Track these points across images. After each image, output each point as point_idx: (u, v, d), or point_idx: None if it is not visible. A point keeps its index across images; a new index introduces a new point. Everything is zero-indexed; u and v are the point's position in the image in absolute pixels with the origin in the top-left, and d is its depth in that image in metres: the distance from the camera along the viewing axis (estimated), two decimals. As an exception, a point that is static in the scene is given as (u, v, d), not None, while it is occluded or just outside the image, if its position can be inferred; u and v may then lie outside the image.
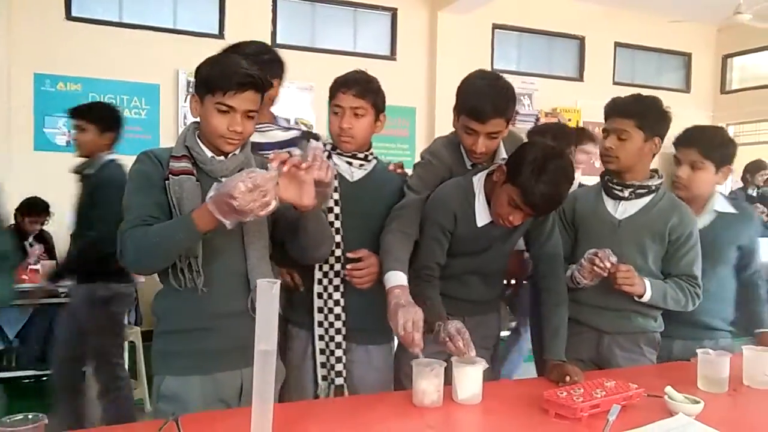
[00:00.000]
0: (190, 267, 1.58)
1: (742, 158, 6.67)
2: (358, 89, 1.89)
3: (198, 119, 1.65)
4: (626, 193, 2.02)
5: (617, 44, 7.49)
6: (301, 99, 5.81)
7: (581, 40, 7.33)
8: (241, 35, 6.79)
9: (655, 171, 2.07)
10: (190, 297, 1.59)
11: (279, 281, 1.30)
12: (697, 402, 1.54)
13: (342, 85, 1.91)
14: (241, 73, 1.58)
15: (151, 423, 1.33)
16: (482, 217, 1.90)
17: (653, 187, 2.03)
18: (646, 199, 2.02)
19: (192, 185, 1.59)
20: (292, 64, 1.91)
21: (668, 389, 1.59)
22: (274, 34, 5.93)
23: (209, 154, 1.63)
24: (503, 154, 2.00)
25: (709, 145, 2.13)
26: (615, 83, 7.43)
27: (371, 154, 2.00)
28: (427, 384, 1.56)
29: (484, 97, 1.84)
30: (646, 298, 1.95)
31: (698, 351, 1.84)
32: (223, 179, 1.56)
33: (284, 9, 6.04)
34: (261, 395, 1.31)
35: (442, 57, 6.35)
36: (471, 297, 2.00)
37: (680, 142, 2.18)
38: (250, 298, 1.62)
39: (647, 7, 7.08)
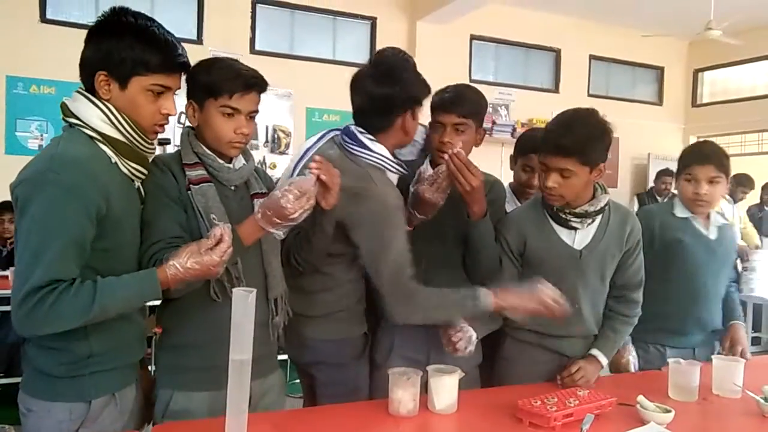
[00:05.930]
0: (230, 274, 1.54)
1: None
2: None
3: (193, 125, 1.63)
4: (582, 225, 1.90)
5: (592, 57, 7.61)
6: (279, 106, 5.78)
7: (557, 53, 7.43)
8: (219, 41, 6.73)
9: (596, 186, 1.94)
10: (206, 309, 1.55)
11: (255, 291, 1.30)
12: (668, 411, 1.57)
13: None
14: (246, 74, 1.58)
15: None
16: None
17: (604, 207, 1.92)
18: (598, 219, 1.93)
19: (214, 193, 1.58)
20: (271, 71, 1.90)
21: (640, 398, 1.61)
22: (253, 40, 5.91)
23: (220, 161, 1.62)
24: None
25: (722, 158, 2.20)
26: (590, 95, 7.54)
27: None
28: (403, 393, 1.56)
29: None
30: (605, 363, 1.96)
31: (669, 360, 1.87)
32: (233, 188, 1.64)
33: (263, 16, 6.02)
34: (235, 405, 1.30)
35: (421, 66, 6.34)
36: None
37: (694, 160, 2.21)
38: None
39: (621, 21, 7.21)
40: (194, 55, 1.67)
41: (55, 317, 1.29)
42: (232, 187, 1.65)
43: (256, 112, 1.63)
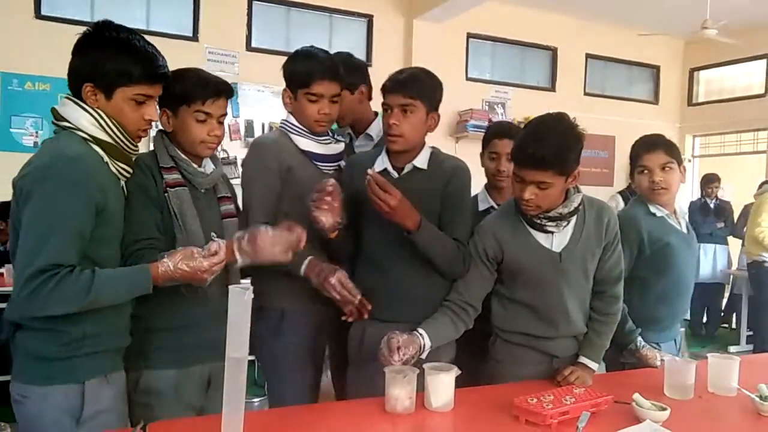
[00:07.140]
0: None
1: (708, 170, 6.85)
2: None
3: (168, 131, 1.79)
4: (558, 228, 1.88)
5: (588, 56, 7.61)
6: (276, 103, 5.76)
7: (553, 51, 7.43)
8: (215, 38, 6.69)
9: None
10: (176, 301, 1.68)
11: (251, 288, 1.30)
12: (664, 409, 1.57)
13: None
14: (215, 82, 1.76)
15: None
16: (379, 163, 1.95)
17: (578, 207, 1.89)
18: (573, 219, 1.90)
19: (188, 196, 1.75)
20: (267, 68, 1.95)
21: (636, 396, 1.61)
22: (249, 37, 5.89)
23: (194, 166, 1.78)
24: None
25: (670, 145, 2.24)
26: (586, 94, 7.55)
27: None
28: (400, 391, 1.56)
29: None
30: (596, 368, 1.94)
31: (665, 358, 1.88)
32: (204, 191, 1.82)
33: (259, 13, 6.00)
34: (232, 402, 1.30)
35: (417, 64, 6.34)
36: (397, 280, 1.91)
37: (643, 150, 2.24)
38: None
39: (618, 20, 7.22)
40: (190, 52, 1.68)
41: (55, 300, 1.39)
42: (203, 190, 1.82)
43: (225, 115, 1.81)
